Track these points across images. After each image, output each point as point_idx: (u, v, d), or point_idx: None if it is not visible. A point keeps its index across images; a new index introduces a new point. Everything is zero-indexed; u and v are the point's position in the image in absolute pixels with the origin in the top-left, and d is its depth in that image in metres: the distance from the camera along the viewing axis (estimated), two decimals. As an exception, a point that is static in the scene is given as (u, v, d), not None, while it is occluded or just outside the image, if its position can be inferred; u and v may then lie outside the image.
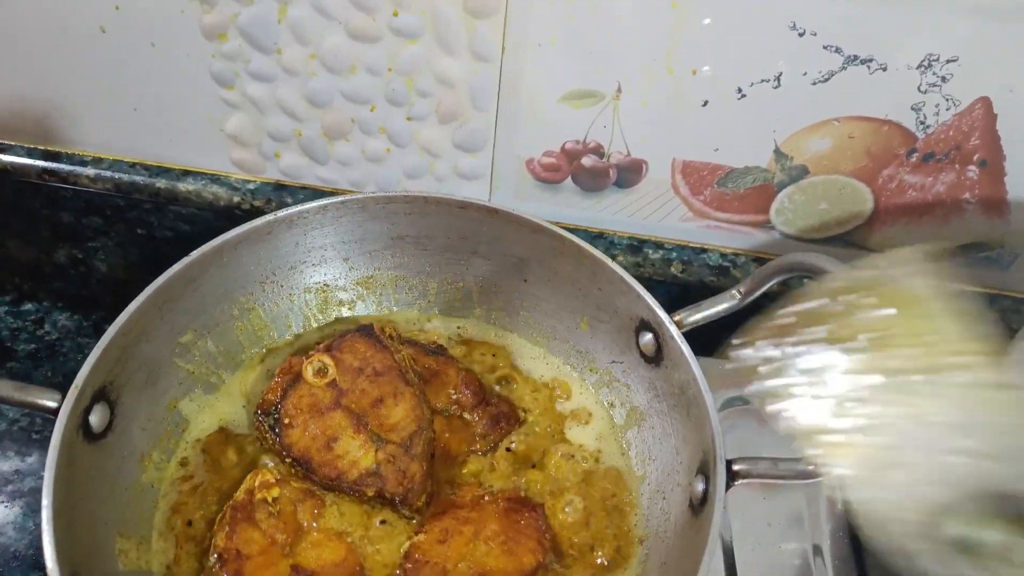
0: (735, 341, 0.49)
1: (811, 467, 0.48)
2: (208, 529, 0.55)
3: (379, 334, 0.60)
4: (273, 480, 0.54)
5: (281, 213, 0.59)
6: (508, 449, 0.60)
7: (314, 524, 0.54)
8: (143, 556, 0.52)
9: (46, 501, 0.43)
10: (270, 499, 0.53)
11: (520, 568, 0.52)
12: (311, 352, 0.59)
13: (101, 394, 0.51)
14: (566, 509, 0.56)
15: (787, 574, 0.62)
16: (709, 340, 0.58)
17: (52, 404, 0.47)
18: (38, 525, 0.70)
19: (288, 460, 0.56)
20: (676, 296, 0.77)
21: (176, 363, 0.58)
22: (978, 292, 0.75)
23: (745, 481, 0.49)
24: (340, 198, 0.61)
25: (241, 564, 0.51)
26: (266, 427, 0.57)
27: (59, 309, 0.90)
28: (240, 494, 0.53)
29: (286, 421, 0.56)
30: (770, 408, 0.44)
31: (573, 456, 0.60)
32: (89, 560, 0.47)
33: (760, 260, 0.75)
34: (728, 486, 0.49)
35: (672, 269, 0.75)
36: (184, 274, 0.56)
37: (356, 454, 0.54)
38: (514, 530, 0.53)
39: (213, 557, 0.51)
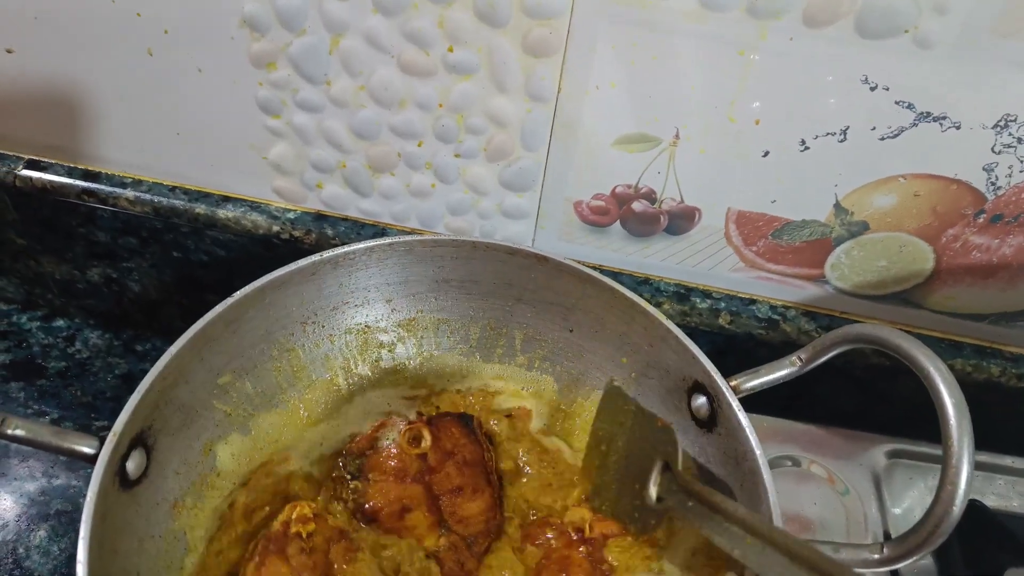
0: None
1: (875, 556, 0.45)
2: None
3: (476, 428, 0.60)
4: (311, 515, 0.53)
5: (327, 254, 0.58)
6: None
7: (344, 567, 0.52)
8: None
9: (81, 556, 0.42)
10: (305, 534, 0.52)
11: None
12: (413, 421, 0.59)
13: (138, 440, 0.49)
14: None
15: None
16: (752, 397, 0.56)
17: (89, 451, 0.46)
18: (63, 550, 0.70)
19: (352, 507, 0.54)
20: (721, 346, 0.74)
21: (213, 405, 0.56)
22: (1038, 357, 0.72)
23: (805, 566, 0.47)
24: (387, 240, 0.59)
25: None
26: (345, 472, 0.56)
27: (90, 327, 0.90)
28: (276, 524, 0.52)
29: (369, 474, 0.56)
30: None
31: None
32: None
33: (811, 314, 0.73)
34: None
35: (720, 320, 0.73)
36: (225, 315, 0.54)
37: (422, 531, 0.54)
38: None
39: None
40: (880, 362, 0.73)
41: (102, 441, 0.46)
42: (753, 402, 0.64)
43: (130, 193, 0.76)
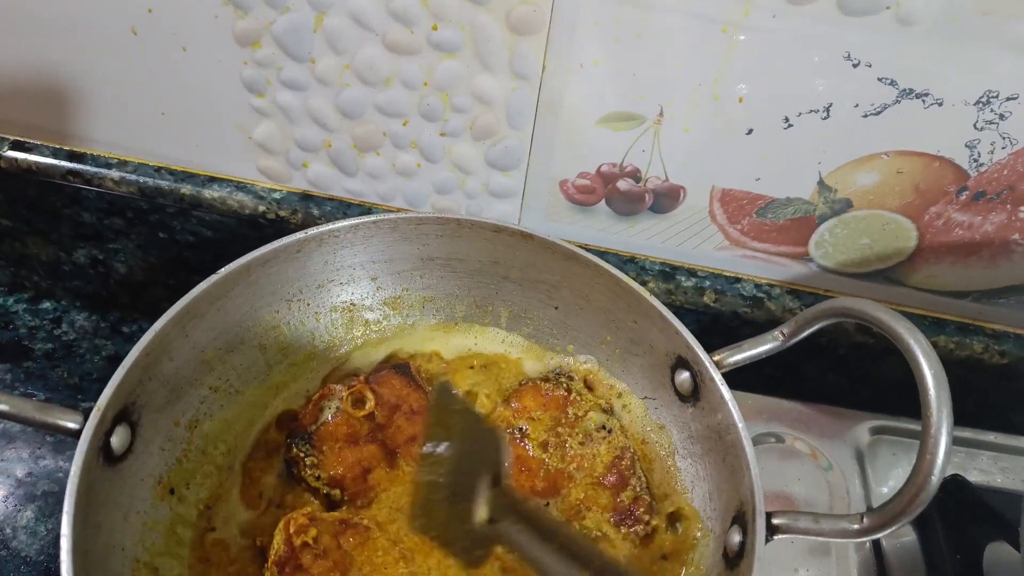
0: None
1: (855, 527, 0.46)
2: (223, 550, 0.54)
3: (415, 374, 0.60)
4: (306, 521, 0.52)
5: (312, 231, 0.58)
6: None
7: (362, 551, 0.52)
8: (159, 581, 0.51)
9: (65, 530, 0.42)
10: (310, 540, 0.51)
11: None
12: (352, 383, 0.58)
13: (123, 415, 0.49)
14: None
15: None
16: (736, 373, 0.56)
17: (73, 426, 0.46)
18: (50, 531, 0.70)
19: (319, 483, 0.54)
20: (707, 325, 0.75)
21: (200, 381, 0.56)
22: (1020, 335, 0.73)
23: (784, 536, 0.47)
24: (372, 218, 0.59)
25: None
26: (299, 451, 0.56)
27: (76, 308, 0.89)
28: (279, 547, 0.51)
29: (322, 447, 0.56)
30: None
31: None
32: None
33: (795, 293, 0.73)
34: (768, 539, 0.47)
35: (704, 298, 0.73)
36: (210, 292, 0.54)
37: (387, 486, 0.53)
38: None
39: None
40: (864, 340, 0.74)
41: (86, 416, 0.46)
42: (739, 381, 0.64)
43: (115, 174, 0.75)
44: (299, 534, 0.51)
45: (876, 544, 0.66)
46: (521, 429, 0.58)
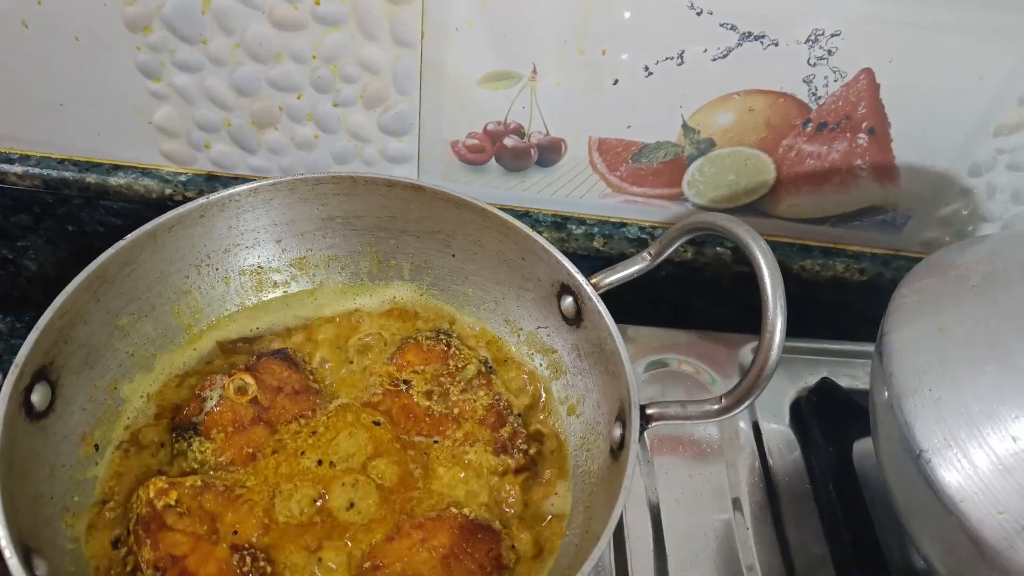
0: None
1: (715, 407, 0.52)
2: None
3: (293, 356, 0.63)
4: (166, 485, 0.54)
5: (213, 196, 0.61)
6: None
7: (229, 509, 0.54)
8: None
9: (-8, 476, 0.45)
10: (172, 502, 0.53)
11: None
12: (232, 371, 0.61)
13: (41, 374, 0.52)
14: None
15: (709, 530, 0.67)
16: (631, 307, 0.63)
17: (-9, 383, 0.49)
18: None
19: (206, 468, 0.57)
20: (599, 267, 0.80)
21: (115, 346, 0.59)
22: (876, 254, 0.81)
23: (658, 424, 0.53)
24: (270, 180, 0.63)
25: (182, 565, 0.50)
26: (185, 442, 0.58)
27: (-10, 311, 0.90)
28: (141, 509, 0.53)
29: (211, 433, 0.58)
30: None
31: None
32: (38, 534, 0.48)
33: (676, 230, 0.80)
34: (643, 428, 0.53)
35: (595, 243, 0.79)
36: (118, 258, 0.57)
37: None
38: (460, 549, 0.54)
39: (149, 573, 0.50)
40: (742, 269, 0.81)
41: (5, 373, 0.49)
42: (636, 318, 0.70)
43: (18, 168, 0.77)
44: (160, 496, 0.53)
45: (761, 450, 0.73)
46: (406, 381, 0.63)
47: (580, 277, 0.59)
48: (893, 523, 0.68)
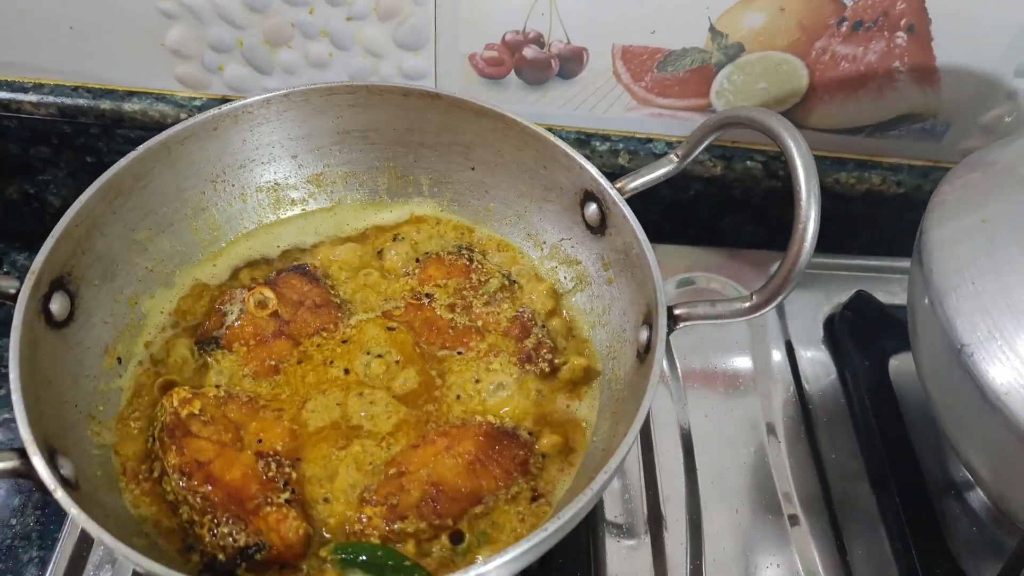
0: None
1: (747, 304, 0.51)
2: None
3: (313, 271, 0.62)
4: (189, 395, 0.54)
5: (225, 107, 0.60)
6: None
7: (251, 419, 0.54)
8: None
9: (13, 374, 0.45)
10: (196, 411, 0.53)
11: (475, 490, 0.51)
12: (252, 286, 0.61)
13: (59, 283, 0.52)
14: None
15: (744, 452, 0.65)
16: (658, 228, 0.60)
17: (11, 290, 0.48)
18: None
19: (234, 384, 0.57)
20: (625, 186, 0.79)
21: (134, 260, 0.59)
22: (913, 165, 0.78)
23: (686, 324, 0.52)
24: (283, 91, 0.61)
25: (208, 469, 0.50)
26: (207, 356, 0.58)
27: (16, 250, 0.90)
28: (166, 417, 0.53)
29: (232, 347, 0.58)
30: None
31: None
32: (62, 436, 0.49)
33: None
34: (671, 329, 0.51)
35: (619, 160, 0.77)
36: (131, 169, 0.56)
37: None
38: (486, 455, 0.53)
39: (175, 477, 0.50)
40: (772, 185, 0.78)
41: (23, 281, 0.49)
42: (663, 240, 0.68)
43: (32, 97, 0.76)
44: (183, 405, 0.53)
45: (795, 374, 0.71)
46: (428, 295, 0.62)
47: (604, 181, 0.57)
48: (931, 438, 0.66)
